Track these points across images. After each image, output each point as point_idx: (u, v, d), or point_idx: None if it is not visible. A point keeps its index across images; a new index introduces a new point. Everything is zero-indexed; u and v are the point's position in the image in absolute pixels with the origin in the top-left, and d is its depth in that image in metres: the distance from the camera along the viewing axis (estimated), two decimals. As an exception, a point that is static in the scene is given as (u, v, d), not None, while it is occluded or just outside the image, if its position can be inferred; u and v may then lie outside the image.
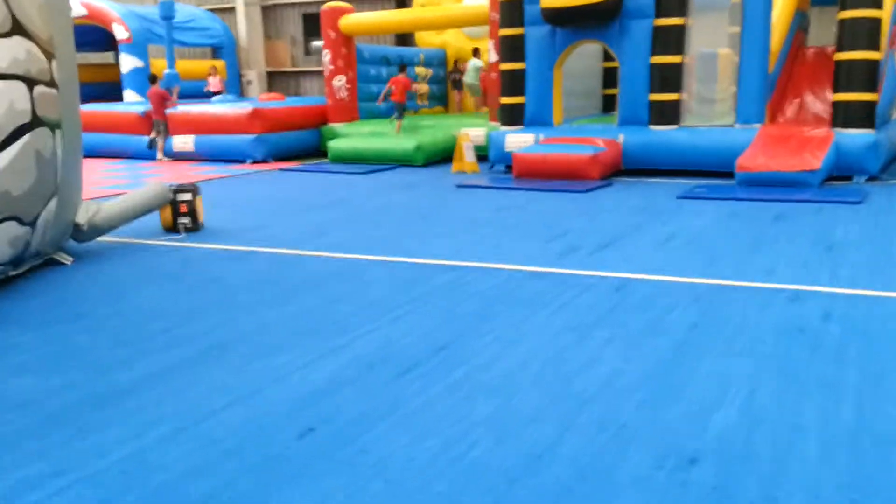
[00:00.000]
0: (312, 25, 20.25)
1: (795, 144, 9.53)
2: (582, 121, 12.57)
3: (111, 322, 4.65)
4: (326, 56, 14.82)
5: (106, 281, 5.65)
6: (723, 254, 5.98)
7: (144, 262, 6.25)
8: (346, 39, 14.81)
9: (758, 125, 10.25)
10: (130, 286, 5.48)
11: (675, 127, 10.69)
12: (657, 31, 10.52)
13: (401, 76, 13.91)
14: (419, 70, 16.91)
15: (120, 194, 7.49)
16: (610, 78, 14.69)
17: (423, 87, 16.84)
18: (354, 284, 5.34)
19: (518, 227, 7.30)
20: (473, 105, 16.58)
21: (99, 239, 6.93)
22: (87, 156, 15.32)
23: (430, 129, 13.64)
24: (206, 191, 10.34)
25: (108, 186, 10.90)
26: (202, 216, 7.62)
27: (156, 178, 12.06)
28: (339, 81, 14.83)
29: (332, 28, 14.68)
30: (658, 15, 10.48)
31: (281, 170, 12.83)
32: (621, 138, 10.83)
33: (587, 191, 9.49)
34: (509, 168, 11.57)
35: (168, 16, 16.09)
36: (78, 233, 6.37)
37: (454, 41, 17.26)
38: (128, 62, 17.12)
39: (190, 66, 19.35)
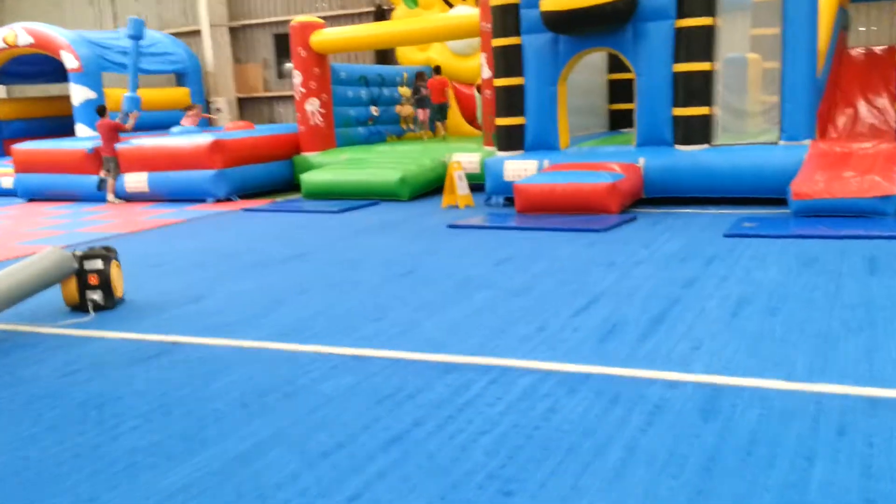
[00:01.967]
0: (286, 46, 18.58)
1: (859, 164, 7.86)
2: (590, 142, 10.89)
3: None
4: (297, 78, 13.12)
5: (-57, 410, 3.87)
6: (832, 332, 4.24)
7: (16, 369, 4.46)
8: (319, 58, 13.12)
9: (807, 141, 8.58)
10: (-26, 420, 3.70)
11: (705, 146, 8.99)
12: (680, 33, 8.86)
13: (436, 77, 14.27)
14: (402, 90, 15.23)
15: (29, 254, 5.69)
16: (617, 91, 13.05)
17: (406, 110, 15.15)
18: (304, 408, 3.58)
19: (531, 291, 5.55)
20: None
21: (-26, 328, 5.16)
22: (31, 199, 13.64)
23: (416, 157, 11.93)
24: (147, 243, 8.62)
25: (32, 241, 9.11)
26: (120, 288, 5.85)
27: (105, 223, 10.30)
28: (312, 105, 13.12)
29: (302, 46, 12.99)
30: (681, 15, 8.82)
31: (245, 210, 11.08)
32: (642, 162, 9.14)
33: (607, 229, 7.77)
34: (509, 200, 9.86)
35: (137, 35, 14.42)
36: (-74, 330, 4.59)
37: (439, 57, 15.61)
38: (79, 93, 15.38)
39: (150, 94, 17.63)
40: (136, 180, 12.52)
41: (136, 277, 6.65)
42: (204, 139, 12.15)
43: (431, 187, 11.49)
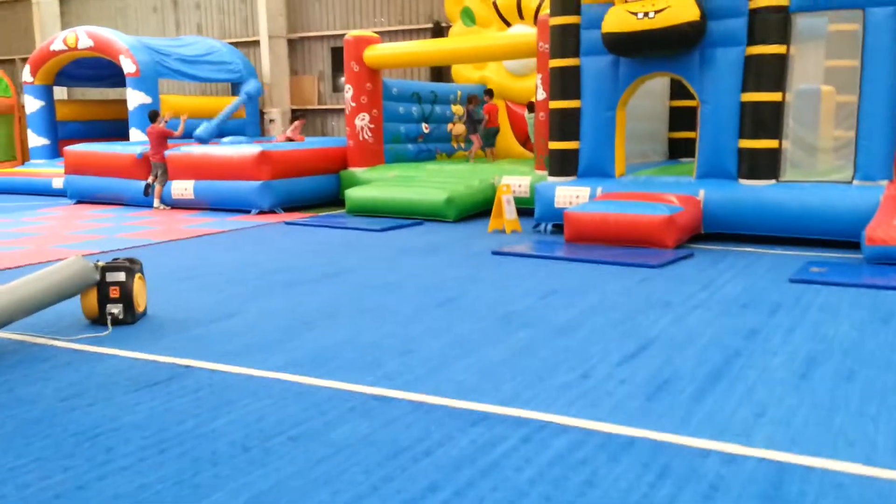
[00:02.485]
0: (342, 60, 18.48)
1: (942, 209, 7.22)
2: (647, 171, 10.38)
3: None
4: (349, 92, 12.93)
5: (-68, 429, 3.61)
6: (918, 406, 3.72)
7: (19, 386, 4.19)
8: (372, 73, 12.91)
9: (884, 182, 7.96)
10: (-41, 444, 3.42)
11: (772, 182, 8.43)
12: (751, 61, 8.33)
13: (491, 102, 13.58)
14: (455, 108, 14.93)
15: (62, 259, 5.45)
16: (677, 119, 12.53)
17: (458, 128, 14.84)
18: (310, 458, 3.21)
19: (576, 330, 5.12)
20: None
21: (-12, 337, 4.95)
22: (80, 201, 13.70)
23: (465, 177, 11.57)
24: (183, 253, 8.42)
25: (68, 245, 9.01)
26: (143, 302, 5.59)
27: (145, 230, 10.19)
28: (362, 120, 12.90)
29: (355, 60, 12.80)
30: (752, 42, 8.30)
31: (287, 223, 10.86)
32: (702, 195, 8.61)
33: (663, 265, 7.28)
34: (558, 228, 9.43)
35: (253, 95, 16.60)
36: (-69, 338, 4.38)
37: (495, 76, 15.27)
38: (135, 98, 15.46)
39: (206, 103, 17.63)
40: (182, 188, 12.43)
41: (165, 290, 6.41)
42: (251, 150, 12.00)
43: (479, 209, 11.12)
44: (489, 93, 13.94)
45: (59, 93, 21.07)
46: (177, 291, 6.44)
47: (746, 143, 8.46)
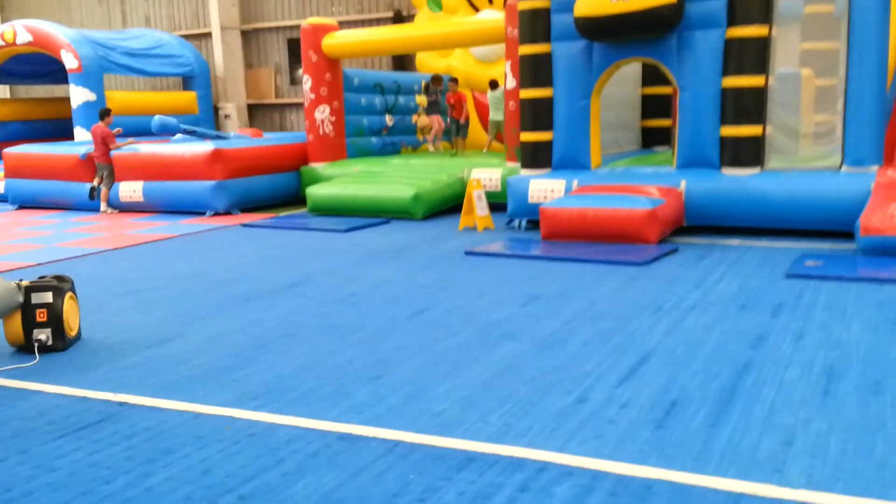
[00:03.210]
0: (299, 52, 17.74)
1: (938, 196, 6.85)
2: (622, 161, 9.92)
3: None
4: (307, 83, 12.26)
5: None
6: (966, 428, 3.26)
7: (-80, 435, 3.55)
8: (331, 63, 12.25)
9: (874, 168, 7.58)
10: None
11: (756, 170, 8.01)
12: (731, 44, 7.89)
13: (458, 90, 13.13)
14: (419, 99, 14.32)
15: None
16: (649, 106, 12.11)
17: (423, 120, 14.23)
18: (265, 526, 2.64)
19: (565, 343, 4.60)
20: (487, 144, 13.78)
21: None
22: (22, 206, 12.85)
23: (432, 171, 11.01)
24: (128, 262, 7.74)
25: (2, 257, 8.25)
26: (75, 325, 4.94)
27: (88, 237, 9.46)
28: (322, 113, 12.24)
29: (313, 49, 12.13)
30: (732, 23, 7.85)
31: (244, 225, 10.19)
32: (683, 186, 8.16)
33: (648, 262, 6.80)
34: (533, 224, 8.92)
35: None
36: None
37: (462, 65, 14.69)
38: (78, 95, 14.59)
39: (155, 98, 16.78)
40: (130, 189, 11.68)
41: (104, 308, 5.77)
42: (203, 148, 11.28)
43: (448, 205, 10.56)
44: (454, 81, 13.38)
45: (2, 91, 20.06)
46: (116, 309, 5.78)
47: (728, 131, 8.03)
